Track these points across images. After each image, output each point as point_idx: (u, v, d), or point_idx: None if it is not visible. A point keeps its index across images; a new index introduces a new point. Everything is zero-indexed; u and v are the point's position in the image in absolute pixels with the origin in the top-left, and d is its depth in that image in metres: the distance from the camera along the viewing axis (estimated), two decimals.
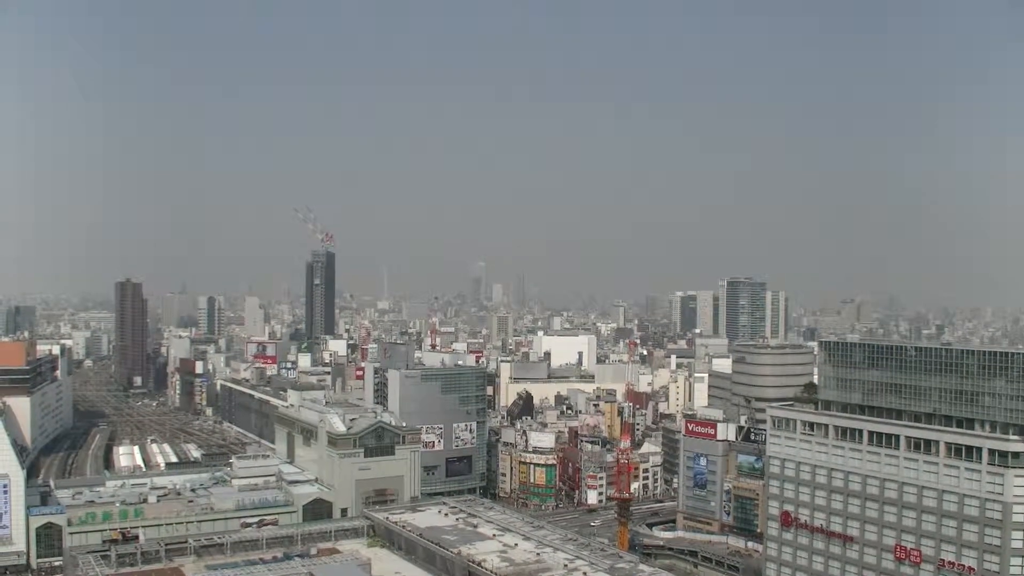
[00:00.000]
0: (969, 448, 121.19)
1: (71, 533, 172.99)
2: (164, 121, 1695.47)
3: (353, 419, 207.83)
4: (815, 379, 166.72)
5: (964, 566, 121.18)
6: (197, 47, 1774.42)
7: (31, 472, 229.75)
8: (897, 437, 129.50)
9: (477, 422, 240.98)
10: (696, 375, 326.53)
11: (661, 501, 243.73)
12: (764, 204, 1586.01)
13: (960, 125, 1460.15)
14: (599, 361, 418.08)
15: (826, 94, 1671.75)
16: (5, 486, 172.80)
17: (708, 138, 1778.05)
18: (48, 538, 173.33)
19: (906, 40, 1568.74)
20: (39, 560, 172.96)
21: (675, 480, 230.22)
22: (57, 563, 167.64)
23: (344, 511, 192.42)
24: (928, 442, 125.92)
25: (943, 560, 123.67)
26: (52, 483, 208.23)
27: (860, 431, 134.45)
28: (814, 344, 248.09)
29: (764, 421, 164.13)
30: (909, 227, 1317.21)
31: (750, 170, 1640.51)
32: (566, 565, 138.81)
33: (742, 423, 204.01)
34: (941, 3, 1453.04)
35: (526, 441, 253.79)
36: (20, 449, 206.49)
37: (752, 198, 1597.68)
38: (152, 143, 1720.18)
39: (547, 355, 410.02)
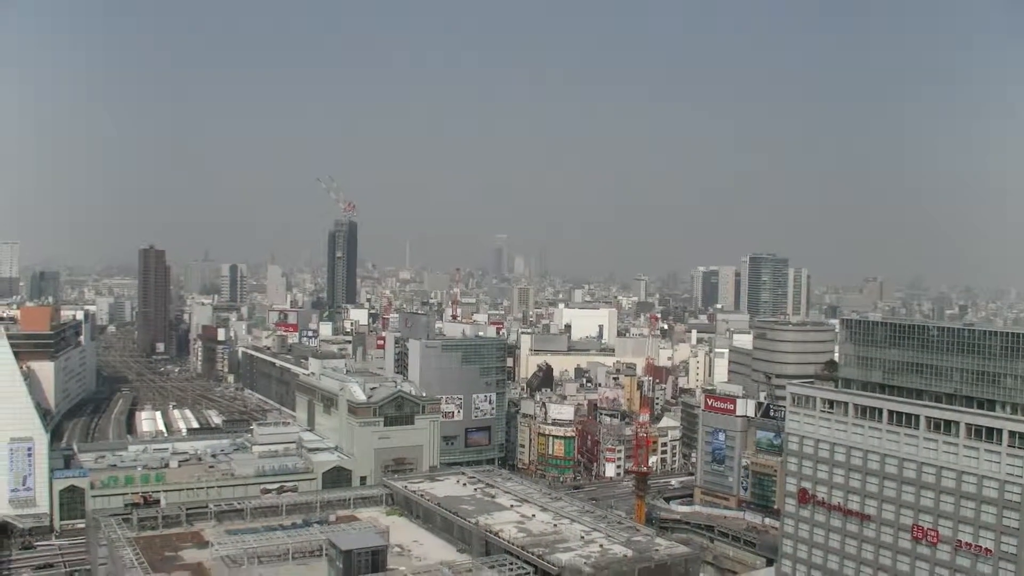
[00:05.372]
0: (990, 429, 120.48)
1: (93, 496, 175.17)
2: (189, 89, 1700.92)
3: (373, 388, 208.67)
4: (836, 357, 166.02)
5: (981, 547, 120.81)
6: (222, 14, 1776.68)
7: (55, 436, 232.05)
8: (917, 417, 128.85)
9: (497, 393, 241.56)
10: (716, 350, 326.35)
11: (674, 474, 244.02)
12: (789, 181, 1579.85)
13: (985, 106, 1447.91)
14: (620, 334, 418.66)
15: (854, 67, 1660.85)
16: (29, 449, 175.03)
17: (735, 112, 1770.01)
18: (71, 501, 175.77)
19: (928, 27, 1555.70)
20: (62, 522, 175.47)
21: (693, 455, 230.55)
22: (80, 525, 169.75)
23: (363, 479, 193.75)
24: (948, 423, 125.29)
25: (960, 541, 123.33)
26: (75, 447, 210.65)
27: (880, 410, 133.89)
28: (835, 322, 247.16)
29: (784, 398, 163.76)
30: (934, 206, 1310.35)
31: (777, 145, 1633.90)
32: (583, 537, 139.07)
33: (762, 399, 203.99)
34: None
35: (545, 413, 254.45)
36: (44, 413, 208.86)
37: (777, 175, 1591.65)
38: (176, 111, 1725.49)
39: (568, 328, 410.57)
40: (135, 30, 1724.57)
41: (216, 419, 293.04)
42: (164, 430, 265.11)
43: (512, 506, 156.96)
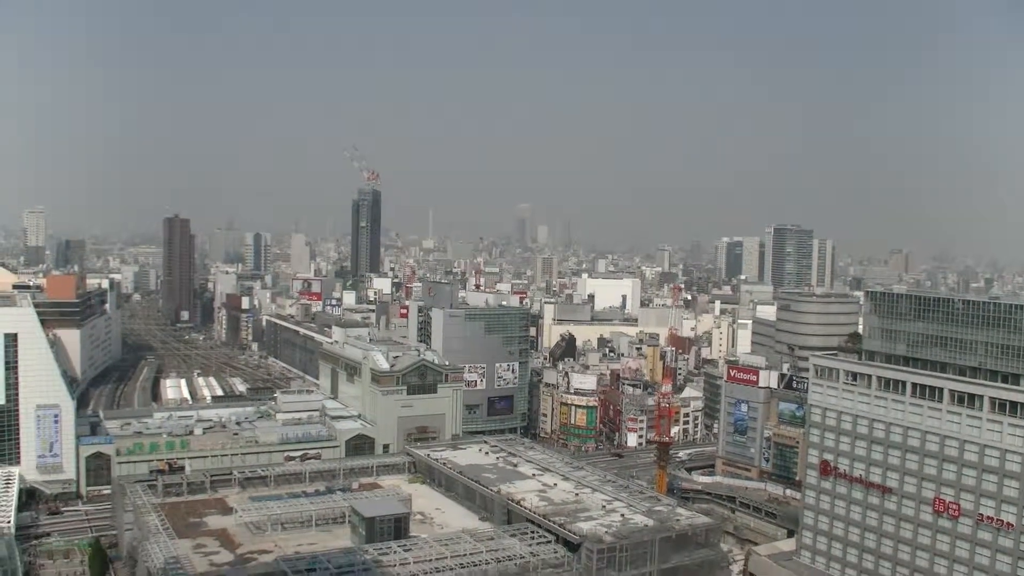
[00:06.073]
0: (1014, 403, 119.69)
1: (119, 463, 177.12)
2: (212, 55, 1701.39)
3: (396, 357, 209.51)
4: (860, 329, 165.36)
5: (1003, 522, 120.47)
6: None
7: (81, 403, 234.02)
8: (941, 390, 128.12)
9: (519, 362, 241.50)
10: (740, 321, 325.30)
11: (690, 445, 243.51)
12: (816, 153, 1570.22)
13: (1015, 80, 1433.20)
14: (643, 305, 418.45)
15: (884, 41, 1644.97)
16: (56, 416, 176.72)
17: (764, 84, 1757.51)
18: (97, 467, 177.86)
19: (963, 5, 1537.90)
20: (88, 488, 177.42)
21: (715, 425, 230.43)
22: (106, 491, 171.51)
23: (386, 447, 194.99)
24: (972, 396, 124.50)
25: (982, 515, 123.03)
26: (101, 414, 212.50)
27: (903, 383, 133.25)
28: (860, 294, 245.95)
29: (807, 369, 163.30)
30: (962, 180, 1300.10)
31: (805, 117, 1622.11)
32: (604, 506, 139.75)
33: (785, 371, 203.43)
34: None
35: (568, 383, 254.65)
36: (70, 380, 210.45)
37: (804, 147, 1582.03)
38: (200, 79, 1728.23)
39: (591, 297, 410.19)
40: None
41: (240, 387, 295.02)
42: (189, 398, 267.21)
43: (534, 475, 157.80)
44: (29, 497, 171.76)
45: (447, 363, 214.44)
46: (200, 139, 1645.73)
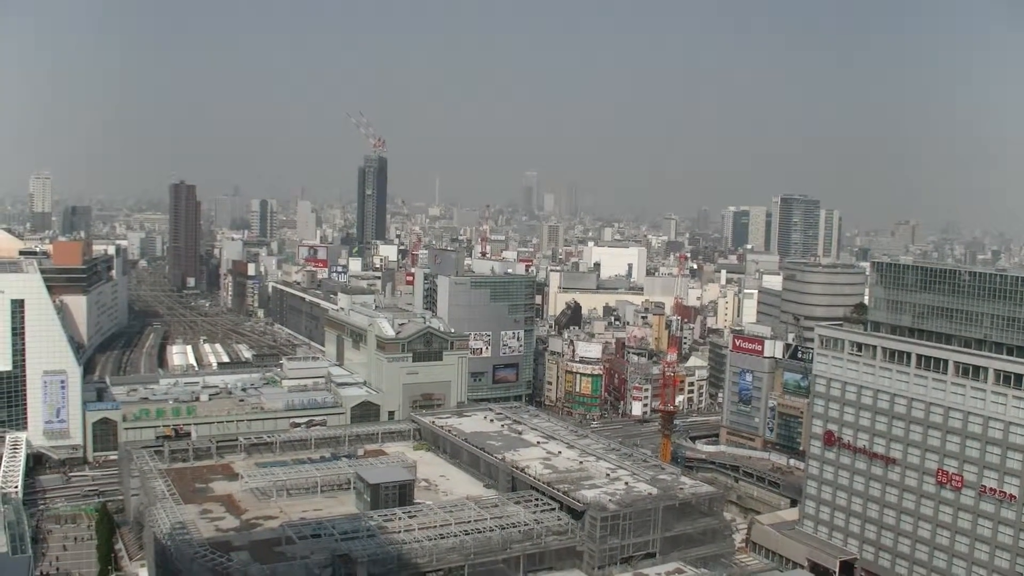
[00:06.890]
0: (1018, 376, 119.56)
1: (126, 428, 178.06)
2: (219, 20, 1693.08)
3: (402, 324, 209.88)
4: (865, 300, 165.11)
5: (1006, 493, 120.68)
6: None
7: (87, 369, 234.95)
8: (946, 362, 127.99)
9: (525, 330, 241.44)
10: (746, 291, 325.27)
11: (681, 416, 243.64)
12: (824, 123, 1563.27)
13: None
14: (648, 273, 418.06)
15: (885, 25, 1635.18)
16: (63, 382, 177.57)
17: (772, 56, 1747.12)
18: (104, 433, 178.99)
19: None
20: (95, 453, 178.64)
21: (720, 395, 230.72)
22: (112, 457, 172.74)
23: (391, 414, 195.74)
24: (977, 368, 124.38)
25: (984, 486, 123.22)
26: (108, 380, 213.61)
27: (908, 354, 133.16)
28: (866, 264, 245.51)
29: (812, 340, 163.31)
30: (969, 151, 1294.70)
31: (816, 87, 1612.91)
32: (608, 474, 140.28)
33: (790, 341, 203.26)
34: None
35: (573, 351, 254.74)
36: (77, 346, 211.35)
37: (813, 115, 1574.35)
38: (206, 44, 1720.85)
39: (597, 266, 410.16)
40: None
41: (246, 353, 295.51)
42: (195, 364, 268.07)
43: (539, 443, 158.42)
44: (36, 462, 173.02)
45: (453, 331, 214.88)
46: (206, 105, 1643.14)
